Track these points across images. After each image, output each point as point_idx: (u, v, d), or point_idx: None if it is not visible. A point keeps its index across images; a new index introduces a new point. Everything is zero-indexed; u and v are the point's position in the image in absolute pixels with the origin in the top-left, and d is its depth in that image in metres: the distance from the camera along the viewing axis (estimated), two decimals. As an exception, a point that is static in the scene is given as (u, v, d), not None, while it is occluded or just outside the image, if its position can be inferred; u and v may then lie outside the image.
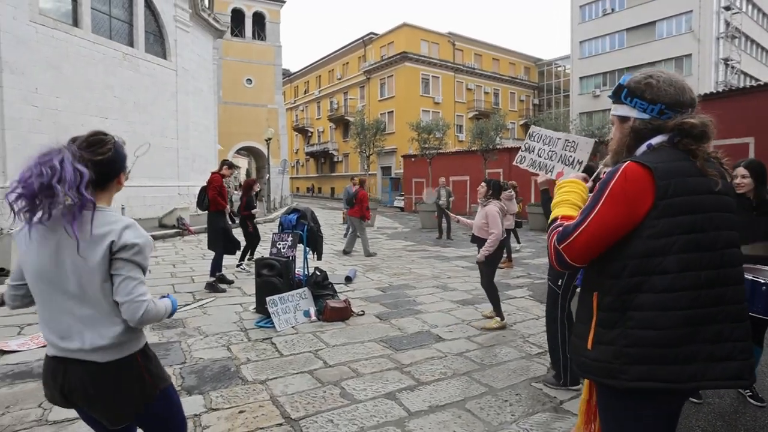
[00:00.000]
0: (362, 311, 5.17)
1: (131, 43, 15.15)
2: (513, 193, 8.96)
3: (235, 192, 16.61)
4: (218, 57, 24.14)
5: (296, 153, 51.45)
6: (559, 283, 3.29)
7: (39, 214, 1.36)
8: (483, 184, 5.04)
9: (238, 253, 7.18)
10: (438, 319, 5.00)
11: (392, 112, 36.14)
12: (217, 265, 6.26)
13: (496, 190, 4.97)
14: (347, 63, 43.28)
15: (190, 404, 2.96)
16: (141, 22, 15.37)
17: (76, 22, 13.14)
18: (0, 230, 6.81)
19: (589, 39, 33.79)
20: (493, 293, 4.75)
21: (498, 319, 4.75)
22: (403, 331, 4.57)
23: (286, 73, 47.63)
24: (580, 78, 34.37)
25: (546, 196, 3.34)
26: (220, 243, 6.28)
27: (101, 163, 1.45)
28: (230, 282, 6.50)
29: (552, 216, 1.47)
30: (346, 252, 9.82)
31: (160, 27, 16.57)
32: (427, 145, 19.79)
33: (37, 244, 1.42)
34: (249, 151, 33.87)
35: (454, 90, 38.21)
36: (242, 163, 43.73)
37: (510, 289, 6.61)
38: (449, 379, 3.45)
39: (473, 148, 19.68)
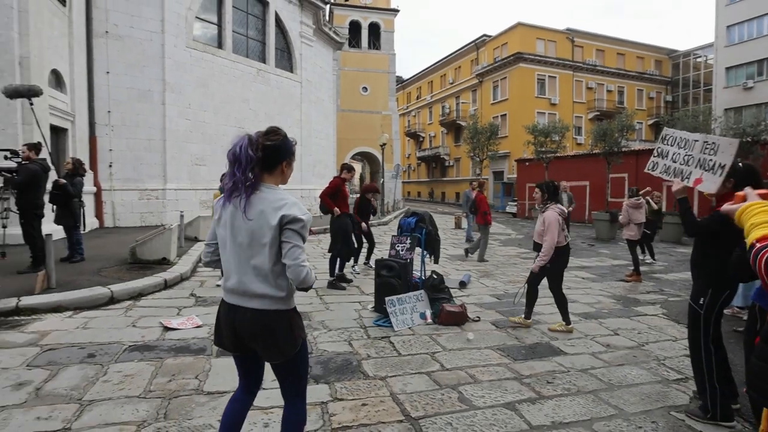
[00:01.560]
0: (478, 317, 5.14)
1: (263, 60, 16.74)
2: (641, 200, 8.17)
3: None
4: (337, 68, 25.57)
5: (408, 158, 52.40)
6: (701, 302, 2.91)
7: (232, 186, 1.80)
8: (536, 189, 4.83)
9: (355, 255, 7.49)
10: (558, 332, 4.78)
11: (505, 115, 35.14)
12: (335, 265, 6.65)
13: (552, 193, 4.74)
14: (459, 67, 43.05)
15: (317, 392, 3.22)
16: (272, 41, 16.92)
17: (220, 45, 14.91)
18: (162, 226, 7.99)
19: (740, 22, 29.38)
20: (560, 299, 4.73)
21: (564, 323, 4.73)
22: (520, 341, 4.45)
23: (399, 80, 48.79)
24: (727, 68, 30.04)
25: (685, 205, 3.02)
26: (338, 245, 6.64)
27: (269, 147, 1.84)
28: (349, 281, 6.85)
29: (752, 238, 1.33)
30: (469, 252, 9.84)
31: (287, 43, 18.08)
32: (543, 149, 18.89)
33: (226, 211, 1.87)
34: (363, 157, 35.30)
35: (572, 90, 35.97)
36: (357, 167, 45.86)
37: (639, 305, 6.06)
38: (573, 395, 3.28)
39: (595, 151, 18.33)
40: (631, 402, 3.21)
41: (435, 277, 5.40)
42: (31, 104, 6.76)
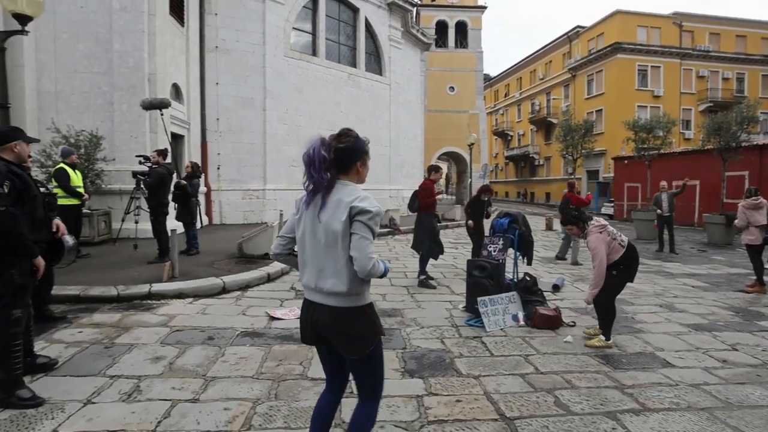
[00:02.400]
0: (573, 322, 4.97)
1: (354, 64, 17.35)
2: (761, 200, 7.26)
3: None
4: (424, 69, 25.72)
5: (495, 157, 51.19)
6: None
7: (311, 186, 1.90)
8: (568, 227, 4.53)
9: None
10: (664, 342, 4.48)
11: (601, 110, 32.99)
12: (425, 264, 6.79)
13: (582, 220, 4.39)
14: (550, 62, 41.16)
15: (412, 385, 3.35)
16: (362, 46, 17.48)
17: (314, 52, 15.73)
18: (265, 224, 8.68)
19: None
20: (604, 311, 4.28)
21: (603, 338, 4.26)
22: (621, 349, 4.24)
23: (487, 78, 47.79)
24: None
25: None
26: (426, 244, 6.77)
27: (342, 149, 1.90)
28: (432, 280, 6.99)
29: None
30: (559, 258, 9.48)
31: (377, 47, 18.55)
32: (645, 146, 17.46)
33: (307, 211, 1.96)
34: (450, 157, 35.13)
35: (679, 79, 32.78)
36: (443, 168, 45.67)
37: (764, 320, 5.45)
38: (683, 411, 3.08)
39: (707, 147, 16.58)
40: (756, 425, 2.93)
41: (528, 279, 5.31)
42: (162, 115, 7.74)
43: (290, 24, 14.71)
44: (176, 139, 11.42)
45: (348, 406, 2.59)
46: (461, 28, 32.37)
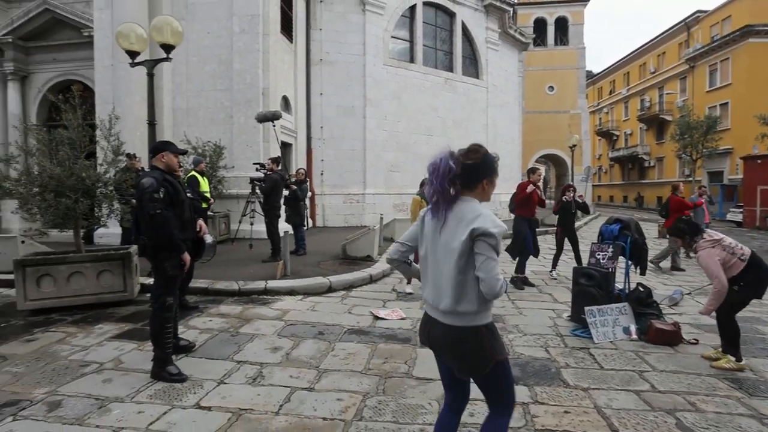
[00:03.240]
0: (695, 340, 4.55)
1: (450, 69, 17.37)
2: None
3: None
4: (522, 69, 24.94)
5: (599, 159, 47.88)
6: None
7: (434, 198, 1.89)
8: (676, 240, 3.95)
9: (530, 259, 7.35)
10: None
11: (726, 104, 29.29)
12: (524, 264, 6.75)
13: (691, 232, 3.92)
14: (663, 53, 37.49)
15: (518, 392, 3.30)
16: (459, 50, 17.44)
17: (411, 59, 16.03)
18: (366, 227, 9.07)
19: None
20: (725, 328, 3.85)
21: (733, 359, 3.78)
22: (757, 375, 3.80)
23: (589, 75, 44.88)
24: None
25: None
26: (518, 247, 6.67)
27: (469, 166, 1.87)
28: (532, 285, 6.82)
29: None
30: (654, 263, 8.74)
31: (473, 50, 18.39)
32: (785, 143, 15.27)
33: (429, 223, 1.97)
34: (548, 159, 33.60)
35: (834, 63, 28.02)
36: (540, 170, 43.73)
37: None
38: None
39: None
40: None
41: (641, 290, 4.97)
42: (274, 126, 8.48)
43: (389, 33, 15.17)
44: (285, 147, 12.32)
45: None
46: (561, 24, 30.86)
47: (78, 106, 5.50)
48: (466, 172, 1.87)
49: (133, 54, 6.59)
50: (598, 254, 5.17)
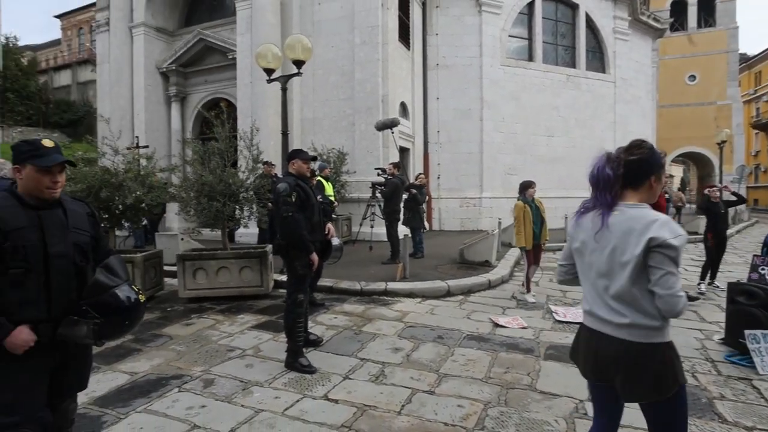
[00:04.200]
0: None
1: (573, 65, 16.29)
2: None
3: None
4: (656, 59, 22.45)
5: (755, 156, 41.13)
6: None
7: (589, 207, 1.77)
8: None
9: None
10: None
11: None
12: None
13: None
14: None
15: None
16: (582, 43, 16.29)
17: (530, 57, 15.38)
18: (486, 231, 8.92)
19: None
20: None
21: None
22: None
23: (742, 58, 38.71)
24: None
25: None
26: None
27: (634, 162, 1.68)
28: (694, 298, 6.08)
29: None
30: None
31: (599, 42, 17.04)
32: None
33: (581, 231, 1.82)
34: (688, 158, 29.80)
35: None
36: (676, 172, 38.84)
37: None
38: None
39: None
40: None
41: (823, 313, 4.14)
42: (393, 132, 8.76)
43: (506, 32, 14.74)
44: (403, 152, 12.61)
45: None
46: (707, 2, 27.08)
47: (225, 121, 6.24)
48: (632, 169, 1.69)
49: (269, 71, 7.28)
50: (763, 269, 4.44)
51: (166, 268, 6.65)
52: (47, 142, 1.90)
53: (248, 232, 9.47)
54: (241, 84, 12.04)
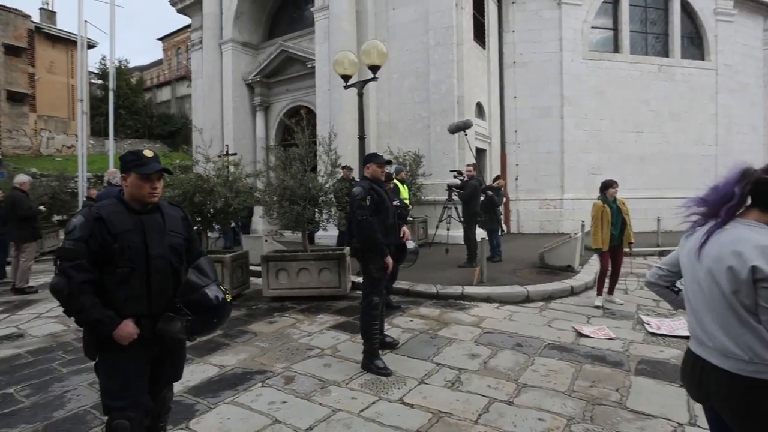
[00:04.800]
0: None
1: (666, 53, 14.99)
2: None
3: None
4: (769, 41, 19.97)
5: None
6: None
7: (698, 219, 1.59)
8: None
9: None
10: None
11: None
12: None
13: None
14: None
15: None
16: (677, 30, 14.94)
17: (616, 49, 14.37)
18: (566, 234, 8.48)
19: None
20: None
21: None
22: None
23: None
24: None
25: None
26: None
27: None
28: None
29: None
30: None
31: (697, 27, 15.53)
32: None
33: (688, 242, 1.64)
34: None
35: None
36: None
37: None
38: None
39: None
40: None
41: None
42: (466, 134, 8.62)
43: (588, 24, 13.90)
44: (479, 153, 12.37)
45: None
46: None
47: (305, 128, 6.50)
48: (765, 190, 1.46)
49: (346, 78, 7.48)
50: None
51: (251, 268, 7.05)
52: (148, 152, 2.10)
53: (327, 235, 9.77)
54: (320, 91, 12.49)
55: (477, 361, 4.00)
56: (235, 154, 10.71)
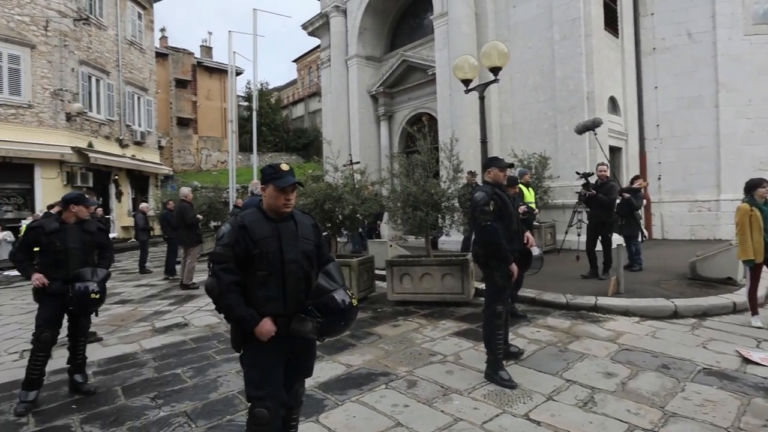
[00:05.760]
0: None
1: None
2: None
3: None
4: None
5: None
6: None
7: None
8: None
9: None
10: None
11: None
12: None
13: None
14: None
15: None
16: None
17: (792, 19, 12.03)
18: (728, 241, 7.35)
19: None
20: None
21: None
22: None
23: None
24: None
25: None
26: None
27: None
28: None
29: None
30: None
31: None
32: None
33: None
34: None
35: None
36: None
37: None
38: None
39: None
40: None
41: None
42: (595, 134, 7.96)
43: (755, -8, 11.85)
44: (613, 152, 11.31)
45: None
46: None
47: (427, 134, 6.59)
48: None
49: (466, 82, 7.42)
50: None
51: (377, 272, 7.33)
52: (284, 166, 2.32)
53: (451, 240, 9.74)
54: (441, 97, 12.54)
55: (613, 380, 3.64)
56: (358, 162, 11.25)
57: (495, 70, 6.98)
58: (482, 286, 6.50)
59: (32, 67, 14.94)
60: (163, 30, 30.95)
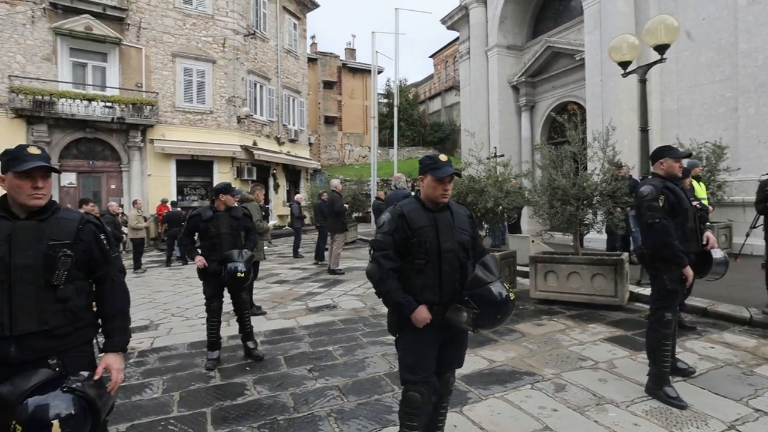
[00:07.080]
0: None
1: None
2: None
3: None
4: None
5: None
6: None
7: None
8: None
9: None
10: None
11: None
12: None
13: None
14: None
15: None
16: None
17: None
18: None
19: None
20: None
21: None
22: None
23: None
24: None
25: None
26: None
27: None
28: None
29: None
30: None
31: None
32: None
33: None
34: None
35: None
36: None
37: None
38: None
39: None
40: None
41: None
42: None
43: None
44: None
45: None
46: None
47: (578, 123, 6.12)
48: None
49: (624, 64, 6.70)
50: None
51: (518, 268, 7.07)
52: (443, 157, 2.35)
53: (597, 237, 8.98)
54: (590, 83, 11.53)
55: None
56: (503, 155, 10.93)
57: (661, 49, 6.18)
58: (637, 290, 5.90)
59: (213, 79, 17.52)
60: (313, 37, 33.94)
